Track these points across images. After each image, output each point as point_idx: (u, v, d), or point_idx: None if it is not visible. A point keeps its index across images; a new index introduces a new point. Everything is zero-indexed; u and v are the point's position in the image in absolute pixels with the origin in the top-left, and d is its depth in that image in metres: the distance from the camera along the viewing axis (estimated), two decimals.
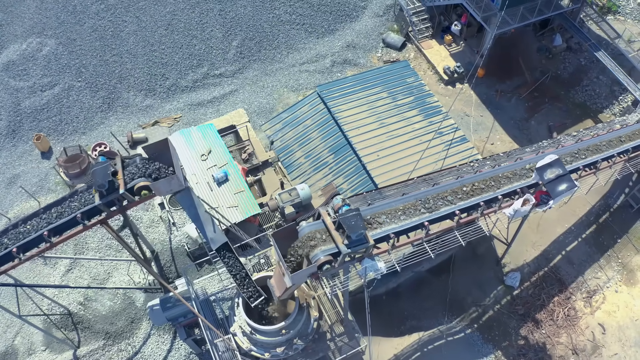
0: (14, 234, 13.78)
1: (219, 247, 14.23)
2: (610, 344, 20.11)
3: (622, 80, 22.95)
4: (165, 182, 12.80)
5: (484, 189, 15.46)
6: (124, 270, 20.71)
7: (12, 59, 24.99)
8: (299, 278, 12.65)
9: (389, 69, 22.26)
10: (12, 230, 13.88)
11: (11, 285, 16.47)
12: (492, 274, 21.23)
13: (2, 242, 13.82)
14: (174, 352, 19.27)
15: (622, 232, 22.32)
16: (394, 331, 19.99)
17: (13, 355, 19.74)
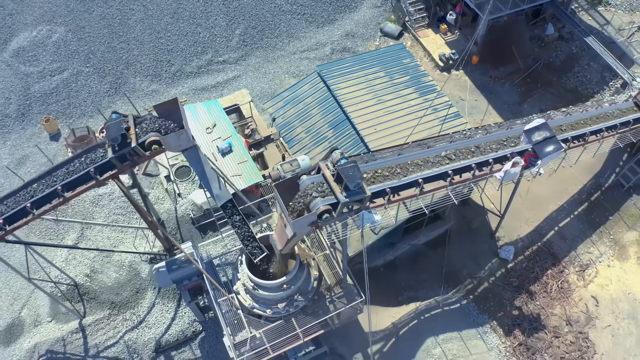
0: (28, 191, 14.57)
1: (224, 204, 15.01)
2: (604, 316, 20.75)
3: (611, 64, 23.90)
4: (175, 137, 13.62)
5: (474, 153, 16.31)
6: (130, 243, 21.46)
7: (22, 46, 25.98)
8: (299, 226, 13.40)
9: (386, 51, 23.24)
10: (26, 188, 14.67)
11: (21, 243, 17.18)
12: (487, 247, 21.96)
13: (17, 199, 14.62)
14: (178, 320, 19.93)
15: (613, 210, 23.08)
16: (391, 301, 20.65)
17: (19, 327, 20.38)
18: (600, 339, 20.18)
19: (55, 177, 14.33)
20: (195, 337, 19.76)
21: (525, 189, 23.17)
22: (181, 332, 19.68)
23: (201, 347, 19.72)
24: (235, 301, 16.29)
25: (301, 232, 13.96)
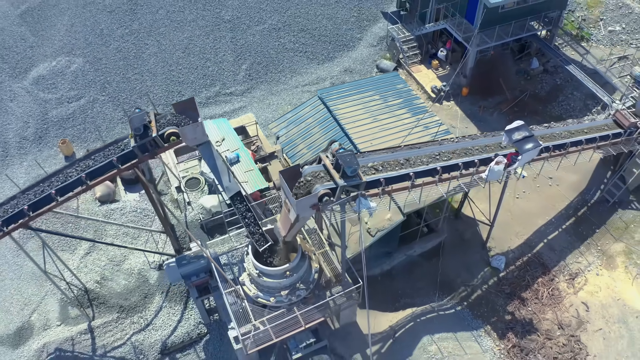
0: (54, 180, 16.44)
1: (232, 195, 16.82)
2: (595, 320, 21.95)
3: (591, 88, 26.41)
4: (191, 129, 15.68)
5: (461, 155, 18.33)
6: (139, 254, 23.01)
7: (42, 74, 28.66)
8: (302, 207, 15.16)
9: (381, 78, 25.85)
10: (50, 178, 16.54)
11: (43, 231, 18.82)
12: (479, 257, 23.47)
13: (42, 187, 16.47)
14: (184, 322, 21.16)
15: (600, 224, 24.74)
16: (388, 307, 21.91)
17: (29, 330, 21.57)
18: (592, 342, 21.29)
19: (80, 167, 16.25)
20: (200, 339, 20.91)
21: (514, 205, 25.04)
22: (186, 334, 20.87)
23: (205, 349, 20.82)
24: (241, 292, 17.72)
25: (303, 216, 15.69)
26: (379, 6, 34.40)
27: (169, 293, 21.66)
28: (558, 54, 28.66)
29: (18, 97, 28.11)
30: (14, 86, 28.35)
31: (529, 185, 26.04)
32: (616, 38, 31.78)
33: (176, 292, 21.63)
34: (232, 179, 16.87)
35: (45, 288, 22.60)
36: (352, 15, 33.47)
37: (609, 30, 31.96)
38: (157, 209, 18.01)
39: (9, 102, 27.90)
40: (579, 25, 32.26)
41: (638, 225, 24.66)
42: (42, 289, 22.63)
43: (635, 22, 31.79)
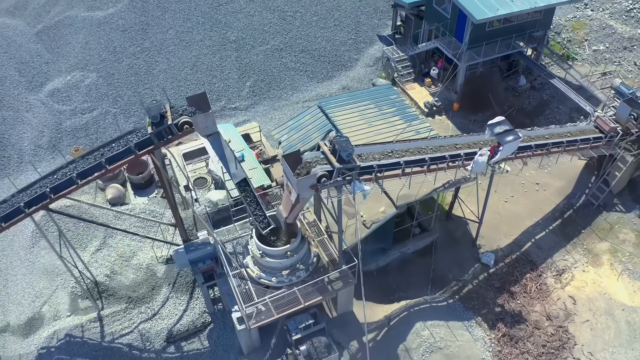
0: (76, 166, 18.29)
1: (239, 182, 18.63)
2: (582, 313, 23.33)
3: (574, 98, 28.62)
4: (203, 118, 17.64)
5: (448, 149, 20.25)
6: (148, 250, 24.60)
7: (57, 87, 30.93)
8: (302, 187, 16.94)
9: (376, 89, 28.09)
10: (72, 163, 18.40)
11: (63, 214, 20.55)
12: (470, 255, 25.03)
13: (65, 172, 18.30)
14: (189, 312, 22.54)
15: (585, 225, 26.37)
16: (384, 299, 23.33)
17: (39, 321, 22.88)
18: (579, 332, 22.62)
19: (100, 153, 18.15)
20: (204, 328, 22.27)
21: (502, 208, 26.81)
22: (191, 323, 22.23)
23: (209, 338, 22.14)
24: (245, 274, 19.29)
25: (303, 196, 17.46)
26: (374, 30, 37.09)
27: (176, 284, 23.15)
28: (542, 69, 31.04)
29: (34, 108, 30.31)
30: (30, 98, 30.59)
31: (517, 190, 27.88)
32: (600, 57, 34.24)
33: (182, 284, 23.12)
34: (239, 166, 18.72)
35: (56, 282, 24.06)
36: (349, 37, 36.10)
37: (593, 49, 34.50)
38: (169, 198, 19.80)
39: (25, 112, 30.06)
40: (564, 46, 34.83)
41: (622, 226, 26.33)
42: (53, 283, 24.08)
43: (618, 42, 34.32)
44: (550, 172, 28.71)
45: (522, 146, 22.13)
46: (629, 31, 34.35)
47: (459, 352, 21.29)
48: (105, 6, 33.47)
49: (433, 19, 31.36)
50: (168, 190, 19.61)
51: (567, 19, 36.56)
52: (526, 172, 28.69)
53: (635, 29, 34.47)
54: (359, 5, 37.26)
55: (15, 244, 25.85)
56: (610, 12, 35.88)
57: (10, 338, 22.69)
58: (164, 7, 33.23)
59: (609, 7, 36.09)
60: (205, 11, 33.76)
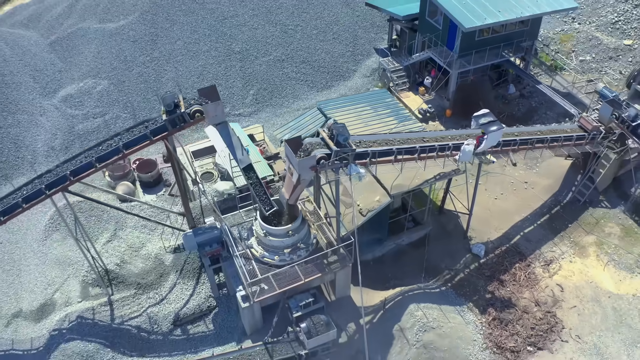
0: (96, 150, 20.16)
1: (245, 167, 20.48)
2: (569, 299, 24.82)
3: (559, 101, 30.63)
4: (213, 107, 19.56)
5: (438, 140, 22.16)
6: (157, 241, 26.25)
7: (70, 93, 33.02)
8: (303, 167, 18.73)
9: (372, 93, 30.25)
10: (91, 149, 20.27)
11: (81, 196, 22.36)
12: (461, 246, 26.64)
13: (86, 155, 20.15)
14: (195, 296, 24.05)
15: (572, 220, 28.06)
16: (379, 286, 24.82)
17: (51, 307, 24.30)
18: (567, 317, 24.08)
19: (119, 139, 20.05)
20: (209, 312, 23.76)
21: (493, 204, 28.56)
22: (197, 307, 23.73)
23: (214, 321, 23.60)
24: (249, 253, 20.95)
25: (304, 177, 19.25)
26: (371, 43, 39.44)
27: (183, 271, 24.72)
28: (531, 76, 33.21)
29: (47, 112, 32.35)
30: (44, 103, 32.67)
31: (506, 188, 29.65)
32: (587, 66, 36.40)
33: (189, 270, 24.69)
34: (245, 153, 20.60)
35: (68, 272, 25.59)
36: (347, 50, 38.41)
37: (580, 59, 36.75)
38: (179, 182, 21.62)
39: (39, 116, 32.08)
40: (553, 57, 37.10)
41: (608, 221, 28.00)
42: (64, 272, 25.61)
43: (603, 52, 36.55)
44: (538, 172, 30.56)
45: (507, 140, 24.10)
46: (614, 42, 36.64)
47: (451, 333, 22.75)
48: (117, 18, 35.90)
49: (426, 30, 33.67)
50: (179, 175, 21.44)
51: (555, 32, 38.93)
52: (515, 172, 30.57)
53: (620, 40, 36.78)
54: (356, 20, 39.69)
55: (28, 236, 27.50)
56: (597, 25, 38.27)
57: (22, 323, 24.13)
58: (172, 20, 35.62)
59: (595, 20, 38.51)
60: (211, 24, 36.15)
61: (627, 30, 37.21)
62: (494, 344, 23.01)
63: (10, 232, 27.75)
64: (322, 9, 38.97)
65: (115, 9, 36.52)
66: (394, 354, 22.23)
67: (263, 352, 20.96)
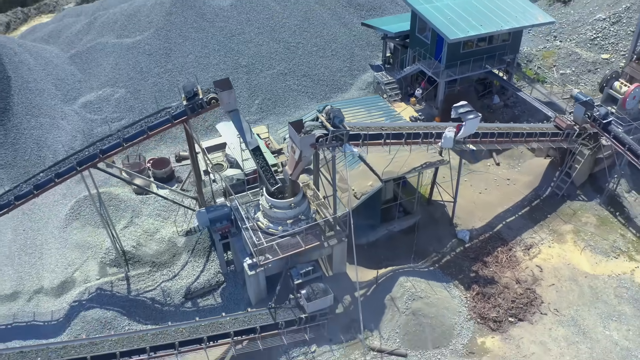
0: (120, 134, 23.49)
1: (253, 149, 23.73)
2: (548, 278, 27.53)
3: (537, 105, 34.11)
4: (227, 94, 22.98)
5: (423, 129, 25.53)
6: (170, 227, 29.25)
7: (90, 100, 36.61)
8: (304, 144, 21.95)
9: (366, 98, 33.82)
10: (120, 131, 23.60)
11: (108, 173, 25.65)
12: (448, 232, 29.57)
13: (115, 137, 23.46)
14: (205, 272, 26.91)
15: (551, 211, 31.11)
16: (373, 267, 27.63)
17: (71, 283, 27.08)
18: (546, 293, 26.75)
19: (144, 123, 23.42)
20: (218, 287, 26.57)
21: (477, 198, 31.67)
22: (207, 282, 26.56)
23: (222, 295, 26.40)
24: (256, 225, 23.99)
25: (305, 154, 22.46)
26: (367, 60, 43.30)
27: (194, 250, 27.65)
28: (512, 86, 36.89)
29: (68, 116, 35.86)
30: (65, 108, 36.22)
31: (490, 184, 32.80)
32: (567, 79, 40.08)
33: (200, 249, 27.61)
34: (253, 136, 23.93)
35: (87, 254, 28.45)
36: (345, 65, 42.27)
37: (560, 73, 40.54)
38: (194, 164, 24.86)
39: (60, 120, 35.56)
40: (535, 72, 40.89)
41: (584, 212, 30.99)
42: (84, 254, 28.48)
43: (583, 65, 40.27)
44: (519, 170, 33.80)
45: (487, 132, 27.46)
46: (592, 56, 40.45)
47: (438, 303, 25.48)
48: (133, 34, 39.90)
49: (416, 44, 37.55)
50: (194, 157, 24.71)
51: (538, 50, 42.84)
52: (498, 171, 33.83)
53: (599, 54, 40.61)
54: (353, 39, 43.72)
55: (50, 225, 30.51)
56: (577, 42, 42.23)
57: (43, 298, 26.89)
58: (185, 36, 39.57)
59: (575, 37, 42.49)
60: (220, 40, 40.09)
61: (604, 46, 41.16)
62: (478, 315, 25.71)
63: (33, 220, 30.82)
64: (322, 28, 43.03)
65: (132, 25, 40.62)
66: (386, 321, 24.94)
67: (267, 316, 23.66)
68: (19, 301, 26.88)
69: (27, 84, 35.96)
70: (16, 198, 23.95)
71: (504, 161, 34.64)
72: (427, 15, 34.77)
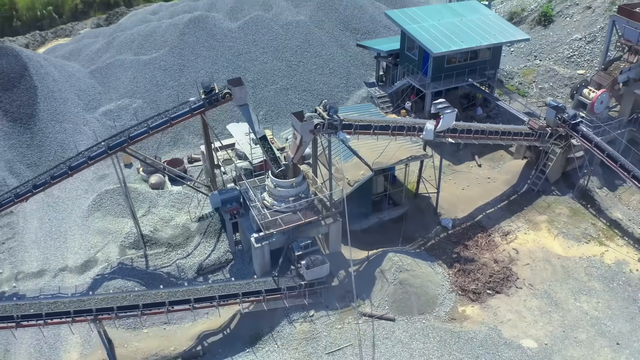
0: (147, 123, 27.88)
1: (261, 137, 28.08)
2: (523, 259, 31.28)
3: (514, 112, 38.65)
4: (239, 90, 27.49)
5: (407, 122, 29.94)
6: (184, 215, 33.25)
7: (109, 109, 41.17)
8: (304, 130, 26.27)
9: (360, 105, 38.30)
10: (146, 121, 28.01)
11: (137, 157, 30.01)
12: (432, 220, 33.52)
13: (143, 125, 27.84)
14: (216, 251, 30.75)
15: (527, 205, 35.15)
16: (365, 249, 31.50)
17: (93, 262, 30.80)
18: (521, 271, 30.48)
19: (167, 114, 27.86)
20: (227, 264, 30.41)
21: (460, 194, 35.78)
22: (217, 259, 30.40)
23: (230, 271, 30.20)
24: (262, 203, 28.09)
25: (305, 140, 26.74)
26: (362, 78, 48.11)
27: (206, 233, 31.58)
28: (494, 97, 41.55)
29: (90, 123, 40.34)
30: (87, 116, 40.74)
31: (472, 182, 36.92)
32: (545, 93, 44.87)
33: (211, 232, 31.56)
34: (260, 127, 28.31)
35: (108, 238, 32.36)
36: (341, 82, 47.09)
37: (539, 87, 45.34)
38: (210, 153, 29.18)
39: (83, 125, 40.01)
40: (517, 88, 45.68)
41: (558, 205, 34.98)
42: (105, 239, 32.32)
43: (560, 81, 45.01)
44: (499, 170, 38.03)
45: (465, 129, 31.84)
46: (569, 72, 45.30)
47: (422, 275, 29.25)
48: (150, 52, 44.88)
49: (405, 60, 42.43)
50: (209, 146, 29.05)
51: (519, 68, 47.76)
52: (480, 171, 38.05)
53: (575, 70, 45.46)
54: (349, 59, 48.72)
55: (73, 214, 34.45)
56: (555, 60, 47.22)
57: (67, 275, 30.56)
58: (197, 53, 44.54)
59: (554, 56, 47.49)
60: (229, 58, 45.04)
61: (580, 62, 46.13)
62: (459, 288, 29.44)
63: (57, 211, 34.76)
64: (321, 49, 48.09)
65: (149, 44, 45.68)
66: (376, 291, 28.65)
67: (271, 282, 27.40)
68: (45, 277, 30.53)
69: (52, 93, 40.56)
70: (52, 177, 28.03)
71: (485, 163, 38.94)
72: (414, 33, 39.73)
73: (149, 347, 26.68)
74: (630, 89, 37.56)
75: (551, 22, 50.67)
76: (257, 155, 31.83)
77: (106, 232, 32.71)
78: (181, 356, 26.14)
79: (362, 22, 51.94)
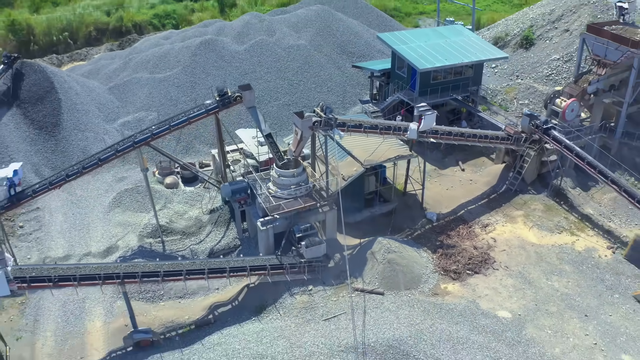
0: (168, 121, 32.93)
1: (267, 134, 33.08)
2: (500, 246, 35.76)
3: (493, 122, 43.76)
4: (249, 93, 32.64)
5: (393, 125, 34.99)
6: (196, 210, 37.93)
7: (127, 120, 46.34)
8: (304, 125, 31.27)
9: (354, 115, 43.48)
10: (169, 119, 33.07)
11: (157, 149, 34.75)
12: (419, 214, 38.16)
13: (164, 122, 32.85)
14: (225, 238, 35.33)
15: (505, 202, 39.87)
16: (357, 237, 36.02)
17: (115, 248, 35.36)
18: (498, 256, 34.91)
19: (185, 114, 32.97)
20: (235, 249, 34.95)
21: (444, 194, 40.55)
22: (226, 245, 34.97)
23: (239, 255, 34.63)
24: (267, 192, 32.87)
25: (305, 135, 31.72)
26: (357, 96, 53.43)
27: (216, 222, 36.21)
28: (472, 108, 46.76)
29: (109, 132, 45.44)
30: (107, 127, 45.89)
31: (455, 184, 41.69)
32: (527, 108, 50.14)
33: (221, 221, 36.20)
34: (267, 126, 33.35)
35: (128, 229, 37.00)
36: (338, 99, 52.41)
37: (520, 103, 50.66)
38: (221, 147, 34.16)
39: (103, 135, 45.06)
40: (499, 104, 51.00)
41: (533, 202, 39.62)
42: (125, 230, 36.94)
43: (539, 97, 50.16)
44: (480, 174, 42.91)
45: (446, 131, 36.88)
46: (547, 89, 50.69)
47: (409, 257, 33.73)
48: (164, 70, 50.42)
49: (395, 78, 47.89)
50: (222, 144, 34.08)
51: (502, 87, 53.25)
52: (463, 175, 42.92)
53: (553, 87, 50.84)
54: (345, 79, 54.23)
55: (95, 210, 39.07)
56: (535, 78, 52.72)
57: (91, 260, 34.95)
58: (207, 72, 50.08)
59: (534, 75, 53.01)
60: (235, 77, 50.54)
61: (558, 80, 51.58)
62: (441, 268, 33.88)
63: (80, 207, 39.36)
64: (319, 70, 53.69)
65: (163, 64, 51.29)
66: (367, 270, 33.07)
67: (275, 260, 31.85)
68: (70, 261, 34.90)
69: (75, 105, 45.80)
70: (83, 167, 32.85)
71: (468, 168, 43.84)
72: (403, 53, 45.28)
73: (166, 315, 30.93)
74: (600, 99, 42.72)
75: (532, 44, 56.42)
76: (262, 154, 36.65)
77: (126, 224, 37.30)
78: (195, 323, 30.32)
79: (357, 46, 57.76)
